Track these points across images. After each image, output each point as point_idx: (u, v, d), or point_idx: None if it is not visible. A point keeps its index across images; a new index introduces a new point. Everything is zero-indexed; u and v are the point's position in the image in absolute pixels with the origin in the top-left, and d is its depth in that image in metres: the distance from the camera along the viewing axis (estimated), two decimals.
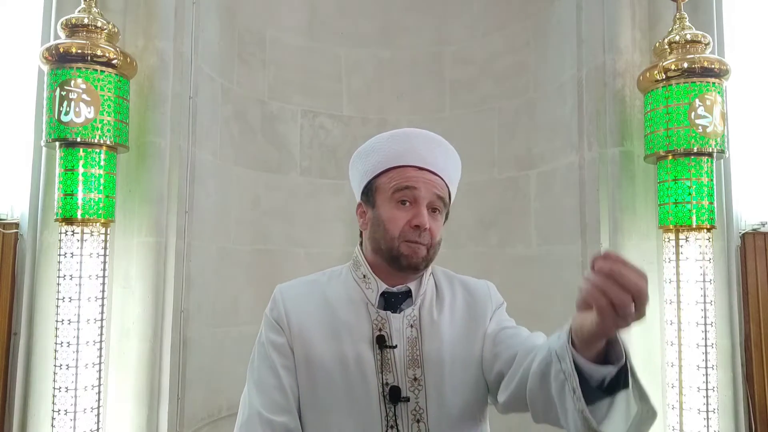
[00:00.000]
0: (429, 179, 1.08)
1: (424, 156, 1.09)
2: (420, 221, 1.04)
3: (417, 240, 1.05)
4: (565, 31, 2.59)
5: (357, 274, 1.13)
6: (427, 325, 1.09)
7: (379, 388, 1.04)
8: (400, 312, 1.09)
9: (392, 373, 1.05)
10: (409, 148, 1.09)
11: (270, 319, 1.11)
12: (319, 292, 1.13)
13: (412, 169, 1.07)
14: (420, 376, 1.06)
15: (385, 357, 1.05)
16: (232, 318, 2.58)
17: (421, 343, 1.07)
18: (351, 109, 3.05)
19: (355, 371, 1.05)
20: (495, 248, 2.89)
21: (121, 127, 1.98)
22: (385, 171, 1.09)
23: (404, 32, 3.09)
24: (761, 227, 2.35)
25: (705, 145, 2.01)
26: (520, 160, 2.83)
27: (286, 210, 2.87)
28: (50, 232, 2.04)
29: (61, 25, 1.96)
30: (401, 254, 1.05)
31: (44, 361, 1.99)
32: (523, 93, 2.85)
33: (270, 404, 1.04)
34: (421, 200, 1.06)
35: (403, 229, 1.05)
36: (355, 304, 1.10)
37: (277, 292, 1.14)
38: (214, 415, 2.46)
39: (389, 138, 1.12)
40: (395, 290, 1.11)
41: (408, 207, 1.06)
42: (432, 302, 1.13)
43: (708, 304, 2.02)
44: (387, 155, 1.10)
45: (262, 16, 2.83)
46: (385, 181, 1.09)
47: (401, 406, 1.04)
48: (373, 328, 1.07)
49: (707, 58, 2.05)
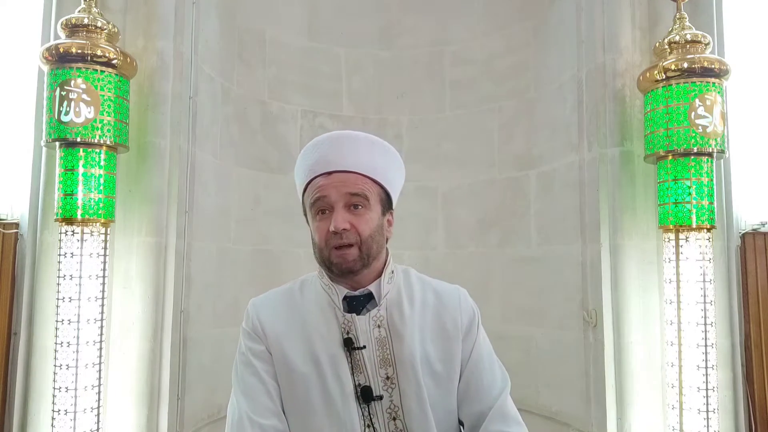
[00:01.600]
0: (340, 180, 1.09)
1: (329, 160, 1.10)
2: (335, 226, 1.06)
3: (341, 243, 1.07)
4: (565, 31, 2.59)
5: (323, 281, 1.16)
6: (396, 325, 1.11)
7: (352, 389, 1.07)
8: (365, 314, 1.11)
9: (363, 373, 1.08)
10: (317, 159, 1.11)
11: (247, 331, 1.16)
12: (290, 300, 1.18)
13: (320, 178, 1.10)
14: (392, 375, 1.09)
15: (355, 358, 1.08)
16: (232, 318, 2.57)
17: (390, 342, 1.10)
18: (351, 109, 3.05)
19: (330, 373, 1.08)
20: (495, 248, 2.89)
21: (121, 127, 1.98)
22: (305, 189, 1.14)
23: (404, 32, 3.09)
24: (761, 227, 2.35)
25: (705, 145, 2.01)
26: (520, 160, 2.83)
27: (286, 210, 2.86)
28: (50, 232, 2.04)
29: (61, 25, 1.96)
30: (332, 263, 1.08)
31: (44, 361, 1.99)
32: (523, 93, 2.85)
33: (258, 408, 1.07)
34: (335, 204, 1.08)
35: (326, 237, 1.08)
36: (324, 309, 1.13)
37: (250, 306, 1.18)
38: (214, 415, 2.46)
39: (301, 156, 1.16)
40: (357, 293, 1.13)
41: (327, 215, 1.09)
42: (401, 302, 1.14)
43: (708, 304, 2.02)
44: (302, 174, 1.14)
45: (262, 16, 2.83)
46: (306, 199, 1.14)
47: (375, 405, 1.07)
48: (342, 331, 1.10)
49: (707, 58, 2.05)
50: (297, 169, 1.17)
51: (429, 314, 1.15)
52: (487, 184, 2.92)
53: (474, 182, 2.92)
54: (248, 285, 2.67)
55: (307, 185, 1.12)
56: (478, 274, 2.83)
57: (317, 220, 1.10)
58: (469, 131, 2.98)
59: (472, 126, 2.98)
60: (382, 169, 1.13)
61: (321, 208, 1.09)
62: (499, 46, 2.94)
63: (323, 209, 1.09)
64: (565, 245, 2.55)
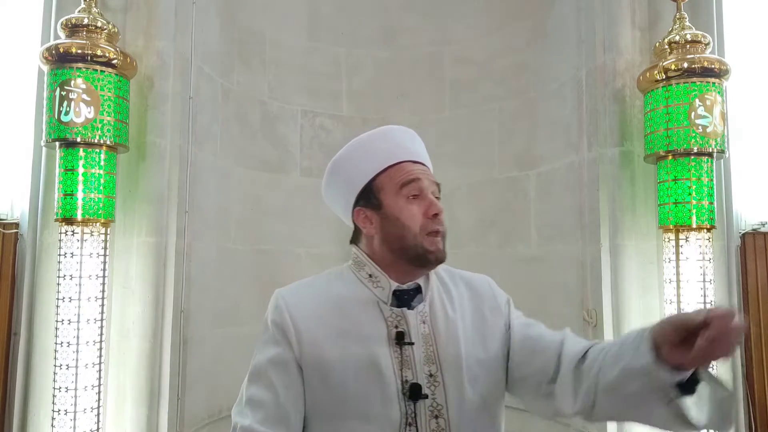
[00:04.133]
0: (424, 170, 1.10)
1: (411, 150, 1.11)
2: (437, 208, 1.05)
3: (437, 229, 1.05)
4: (565, 31, 2.59)
5: (361, 274, 1.11)
6: (439, 321, 1.08)
7: (399, 386, 1.02)
8: (413, 308, 1.08)
9: (411, 370, 1.03)
10: (398, 144, 1.11)
11: (270, 330, 1.06)
12: (322, 293, 1.10)
13: (408, 164, 1.09)
14: (436, 372, 1.05)
15: (405, 354, 1.04)
16: (233, 318, 2.58)
17: (434, 338, 1.07)
18: (351, 109, 3.05)
19: (371, 372, 1.02)
20: (495, 248, 2.89)
21: (121, 127, 1.98)
22: (382, 171, 1.09)
23: (404, 32, 3.09)
24: (761, 227, 2.35)
25: (705, 145, 2.01)
26: (520, 160, 2.83)
27: (286, 210, 2.87)
28: (50, 232, 2.04)
29: (61, 25, 1.96)
30: (427, 251, 1.04)
31: (44, 361, 1.99)
32: (523, 93, 2.84)
33: (264, 419, 1.00)
34: (426, 191, 1.07)
35: (422, 222, 1.05)
36: (364, 305, 1.07)
37: (279, 298, 1.09)
38: (214, 416, 2.46)
39: (370, 140, 1.12)
40: (406, 287, 1.09)
41: (416, 200, 1.06)
42: (441, 297, 1.12)
43: (708, 304, 2.02)
44: (378, 156, 1.10)
45: (262, 16, 2.83)
46: (386, 180, 1.08)
47: (420, 404, 1.02)
48: (389, 326, 1.05)
49: (707, 58, 2.05)
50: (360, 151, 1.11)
51: (466, 306, 1.13)
52: (487, 184, 2.92)
53: (474, 182, 2.92)
54: (248, 285, 2.67)
55: (387, 168, 1.08)
56: None
57: (409, 203, 1.06)
58: (469, 131, 2.98)
59: (472, 126, 2.98)
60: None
61: (414, 192, 1.06)
62: (499, 46, 2.94)
63: (416, 194, 1.06)
64: (565, 245, 2.55)
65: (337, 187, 1.15)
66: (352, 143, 1.13)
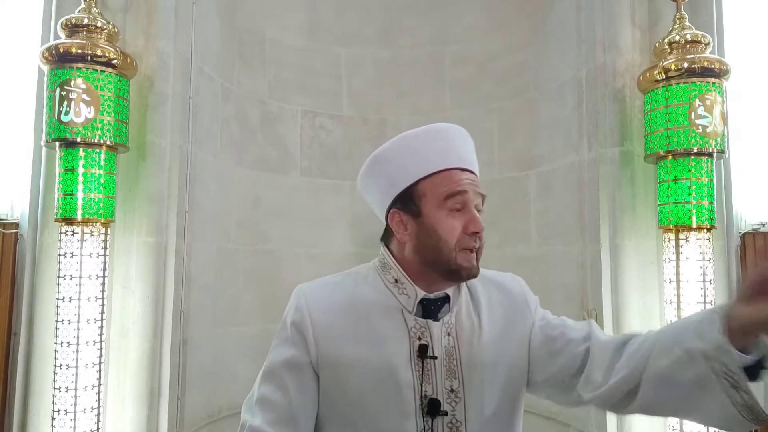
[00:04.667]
0: (471, 180, 1.02)
1: (462, 156, 1.03)
2: (478, 227, 0.98)
3: (473, 246, 0.99)
4: (565, 31, 2.59)
5: (387, 277, 1.04)
6: (465, 333, 1.02)
7: (417, 401, 0.97)
8: (438, 320, 1.02)
9: (431, 384, 0.98)
10: (449, 148, 1.02)
11: (288, 330, 1.02)
12: (346, 295, 1.04)
13: (456, 172, 1.00)
14: (457, 388, 1.00)
15: (426, 368, 0.98)
16: (232, 318, 2.58)
17: (458, 351, 1.01)
18: (351, 109, 3.05)
19: (389, 383, 0.97)
20: (495, 248, 2.88)
21: (121, 127, 1.98)
22: (427, 176, 1.00)
23: (404, 32, 3.09)
24: (761, 227, 2.35)
25: (705, 145, 2.01)
26: (520, 160, 2.83)
27: (286, 210, 2.87)
28: (50, 232, 2.04)
29: (61, 25, 1.96)
30: (460, 267, 0.98)
31: (44, 361, 1.99)
32: (523, 93, 2.84)
33: (274, 420, 0.98)
34: (470, 204, 1.00)
35: (459, 237, 0.98)
36: (388, 311, 1.01)
37: (300, 295, 1.04)
38: (214, 416, 2.46)
39: (421, 138, 1.03)
40: (433, 297, 1.03)
41: (459, 213, 0.99)
42: (468, 307, 1.06)
43: (708, 304, 2.02)
44: (426, 158, 1.01)
45: (262, 16, 2.83)
46: (429, 187, 1.00)
47: (438, 420, 0.97)
48: (411, 337, 0.99)
49: (707, 58, 2.05)
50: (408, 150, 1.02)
51: (497, 310, 1.07)
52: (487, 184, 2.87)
53: None
54: (248, 285, 2.67)
55: (432, 174, 1.00)
56: None
57: (451, 217, 0.98)
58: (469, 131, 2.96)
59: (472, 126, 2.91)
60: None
61: (458, 206, 0.98)
62: (499, 46, 2.94)
63: (459, 207, 0.99)
64: (565, 245, 2.55)
65: (375, 182, 1.07)
66: (401, 137, 1.05)
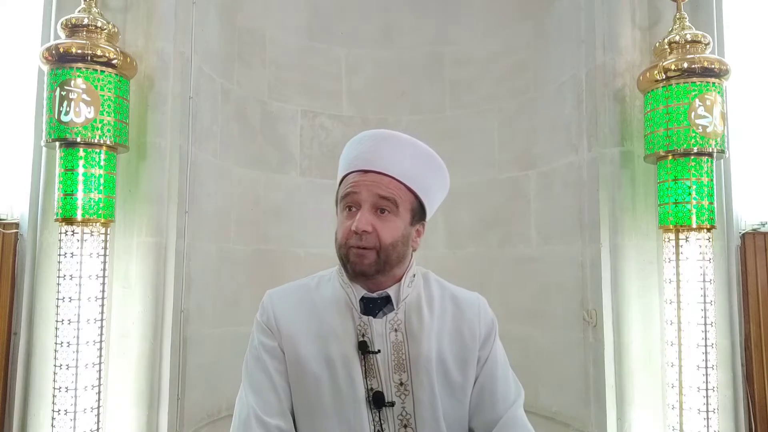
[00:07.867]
0: (372, 180, 1.06)
1: (368, 158, 1.08)
2: (358, 226, 1.03)
3: (359, 245, 1.04)
4: (565, 31, 2.59)
5: (342, 279, 1.13)
6: (414, 330, 1.09)
7: (364, 393, 1.05)
8: (381, 317, 1.09)
9: (376, 378, 1.06)
10: (357, 154, 1.09)
11: (261, 324, 1.13)
12: (307, 297, 1.15)
13: (356, 174, 1.08)
14: (406, 381, 1.07)
15: (369, 362, 1.06)
16: (232, 318, 2.58)
17: (407, 347, 1.08)
18: (351, 109, 3.05)
19: (343, 376, 1.06)
20: (495, 248, 2.89)
21: (121, 127, 1.98)
22: (341, 182, 1.12)
23: (404, 32, 3.09)
24: (761, 227, 2.35)
25: (705, 145, 2.01)
26: (520, 160, 2.83)
27: (286, 210, 2.87)
28: (50, 232, 2.04)
29: (61, 25, 1.95)
30: (350, 261, 1.06)
31: (44, 361, 1.99)
32: (523, 93, 2.84)
33: (264, 405, 1.06)
34: (363, 203, 1.05)
35: (347, 235, 1.05)
36: (341, 309, 1.10)
37: (266, 298, 1.16)
38: (214, 415, 2.46)
39: (346, 148, 1.14)
40: (375, 296, 1.10)
41: (354, 212, 1.06)
42: (420, 307, 1.12)
43: (708, 304, 2.02)
44: (342, 166, 1.12)
45: (262, 16, 2.83)
46: (339, 191, 1.11)
47: (387, 411, 1.05)
48: (357, 334, 1.08)
49: (707, 58, 2.05)
50: (340, 160, 1.14)
51: (447, 321, 1.13)
52: (487, 184, 2.92)
53: (474, 182, 2.92)
54: (248, 285, 2.67)
55: (343, 179, 1.11)
56: (478, 274, 2.83)
57: (343, 216, 1.08)
58: (469, 131, 2.98)
59: (472, 126, 2.98)
60: (421, 178, 1.09)
61: (349, 205, 1.07)
62: (499, 46, 2.94)
63: (351, 206, 1.07)
64: (565, 245, 2.55)
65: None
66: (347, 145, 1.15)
